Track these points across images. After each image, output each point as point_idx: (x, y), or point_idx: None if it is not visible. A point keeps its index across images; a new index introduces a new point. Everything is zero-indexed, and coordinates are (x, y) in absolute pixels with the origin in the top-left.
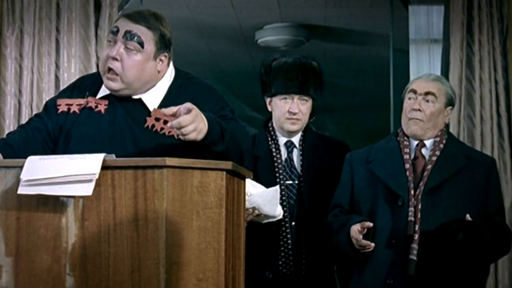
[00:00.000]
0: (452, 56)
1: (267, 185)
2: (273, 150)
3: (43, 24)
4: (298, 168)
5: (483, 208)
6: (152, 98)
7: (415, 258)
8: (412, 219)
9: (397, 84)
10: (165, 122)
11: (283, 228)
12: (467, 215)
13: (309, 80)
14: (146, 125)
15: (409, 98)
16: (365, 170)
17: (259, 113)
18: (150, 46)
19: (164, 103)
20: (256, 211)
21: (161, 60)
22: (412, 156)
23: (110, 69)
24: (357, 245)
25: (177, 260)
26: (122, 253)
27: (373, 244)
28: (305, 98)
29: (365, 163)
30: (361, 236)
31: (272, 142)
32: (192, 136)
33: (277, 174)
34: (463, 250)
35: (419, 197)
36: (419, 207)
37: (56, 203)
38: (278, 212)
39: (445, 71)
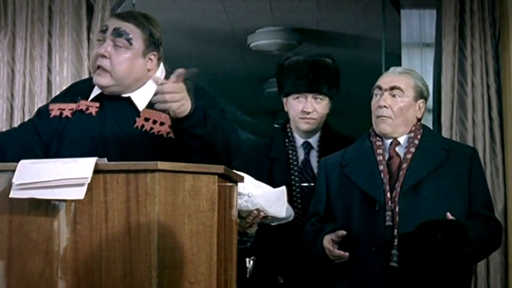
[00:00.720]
0: (444, 60)
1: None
2: (290, 151)
3: (35, 28)
4: (315, 170)
5: (469, 202)
6: (141, 97)
7: (395, 265)
8: (390, 223)
9: None
10: (154, 122)
11: (296, 232)
12: (448, 214)
13: (321, 77)
14: (135, 125)
15: (375, 95)
16: (339, 175)
17: (252, 117)
18: (138, 43)
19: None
20: (262, 213)
21: (150, 58)
22: (387, 156)
23: (99, 67)
24: (330, 256)
25: (169, 263)
26: (114, 257)
27: (347, 254)
28: (319, 96)
29: (339, 167)
30: (333, 247)
31: (289, 143)
32: (174, 106)
33: (293, 176)
34: (443, 250)
35: (396, 199)
36: (397, 210)
37: (48, 207)
38: (287, 213)
39: (437, 75)
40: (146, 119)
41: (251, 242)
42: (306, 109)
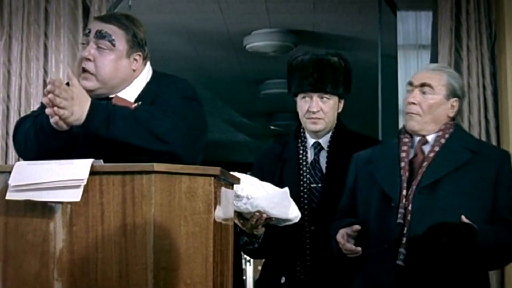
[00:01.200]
0: (441, 62)
1: (292, 188)
2: (301, 152)
3: (32, 29)
4: (324, 171)
5: (492, 206)
6: (127, 96)
7: (401, 263)
8: (401, 221)
9: (385, 90)
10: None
11: (303, 233)
12: (462, 217)
13: (326, 76)
14: None
15: (407, 91)
16: (367, 171)
17: (248, 119)
18: (122, 44)
19: (141, 99)
20: (265, 215)
21: (135, 59)
22: (412, 154)
23: (84, 70)
24: (343, 250)
25: (165, 265)
26: (110, 259)
27: (358, 249)
28: (325, 96)
29: (367, 163)
30: (345, 241)
31: (301, 144)
32: (62, 113)
33: (302, 177)
34: (447, 253)
35: (410, 197)
36: (409, 208)
37: (44, 209)
38: (292, 214)
39: None
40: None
41: (258, 243)
42: (312, 109)
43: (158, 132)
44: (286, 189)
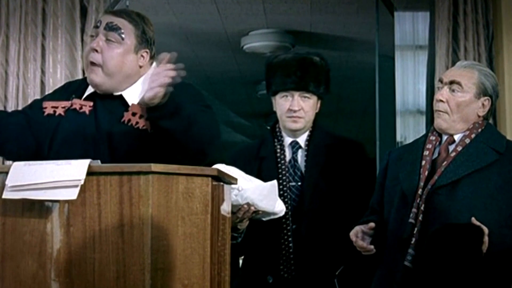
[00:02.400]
0: (438, 62)
1: None
2: (278, 151)
3: (29, 30)
4: (302, 169)
5: None
6: (132, 94)
7: (409, 264)
8: (413, 221)
9: (382, 90)
10: (141, 116)
11: (284, 231)
12: (473, 218)
13: (309, 75)
14: (122, 119)
15: (437, 88)
16: (396, 169)
17: (245, 119)
18: (130, 38)
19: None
20: (252, 208)
21: (142, 55)
22: (436, 152)
23: (91, 62)
24: (357, 247)
25: (163, 266)
26: (107, 259)
27: (371, 247)
28: (307, 95)
29: (397, 161)
30: (357, 238)
31: (278, 143)
32: (148, 93)
33: (281, 175)
34: (446, 254)
35: (424, 197)
36: (422, 208)
37: (41, 209)
38: (279, 208)
39: (431, 77)
40: (134, 114)
41: (241, 237)
42: (293, 107)
43: (214, 138)
44: (274, 181)
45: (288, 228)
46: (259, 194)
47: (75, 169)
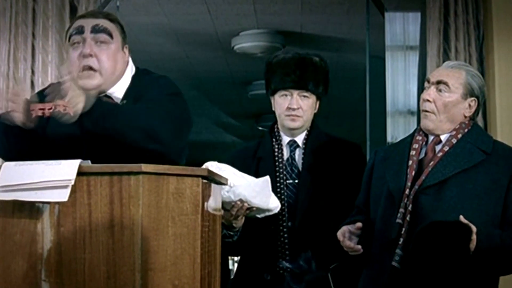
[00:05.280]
0: (429, 63)
1: None
2: (276, 149)
3: (19, 30)
4: (300, 168)
5: (504, 210)
6: (119, 91)
7: (397, 265)
8: (400, 221)
9: (373, 91)
10: None
11: (281, 228)
12: (461, 216)
13: (308, 74)
14: None
15: (424, 88)
16: (382, 169)
17: (236, 120)
18: (116, 37)
19: (127, 94)
20: (246, 204)
21: (124, 52)
22: (423, 153)
23: (87, 68)
24: (344, 247)
25: (153, 266)
26: (98, 259)
27: (358, 247)
28: (306, 94)
29: (383, 161)
30: (344, 238)
31: (276, 142)
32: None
33: (278, 173)
34: (433, 252)
35: (411, 197)
36: (409, 208)
37: (31, 209)
38: (273, 204)
39: (422, 78)
40: None
41: (237, 235)
42: (292, 106)
43: (149, 130)
44: (267, 177)
45: (284, 225)
46: (251, 190)
47: (66, 169)
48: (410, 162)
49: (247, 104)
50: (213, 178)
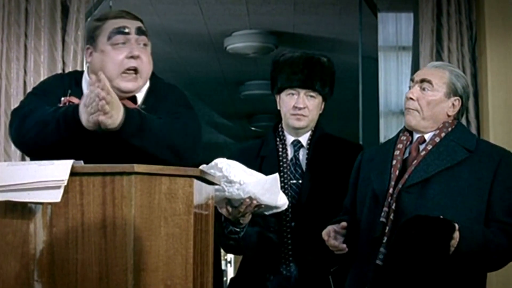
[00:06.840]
0: (422, 63)
1: None
2: (280, 149)
3: (12, 30)
4: (304, 168)
5: (488, 207)
6: (141, 93)
7: (380, 263)
8: (384, 220)
9: (366, 91)
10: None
11: (284, 228)
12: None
13: (315, 74)
14: None
15: (408, 87)
16: (368, 169)
17: (228, 120)
18: (149, 39)
19: (146, 99)
20: (255, 202)
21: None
22: (407, 152)
23: (132, 69)
24: (329, 246)
25: (145, 266)
26: (90, 260)
27: (343, 246)
28: (312, 94)
29: (369, 161)
30: (328, 237)
31: (280, 141)
32: (102, 118)
33: (282, 173)
34: (413, 247)
35: (395, 196)
36: (393, 207)
37: (24, 210)
38: (281, 201)
39: None
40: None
41: (243, 232)
42: (298, 105)
43: (173, 148)
44: (276, 175)
45: (287, 225)
46: (261, 188)
47: (58, 170)
48: (394, 162)
49: (240, 105)
50: (205, 179)
